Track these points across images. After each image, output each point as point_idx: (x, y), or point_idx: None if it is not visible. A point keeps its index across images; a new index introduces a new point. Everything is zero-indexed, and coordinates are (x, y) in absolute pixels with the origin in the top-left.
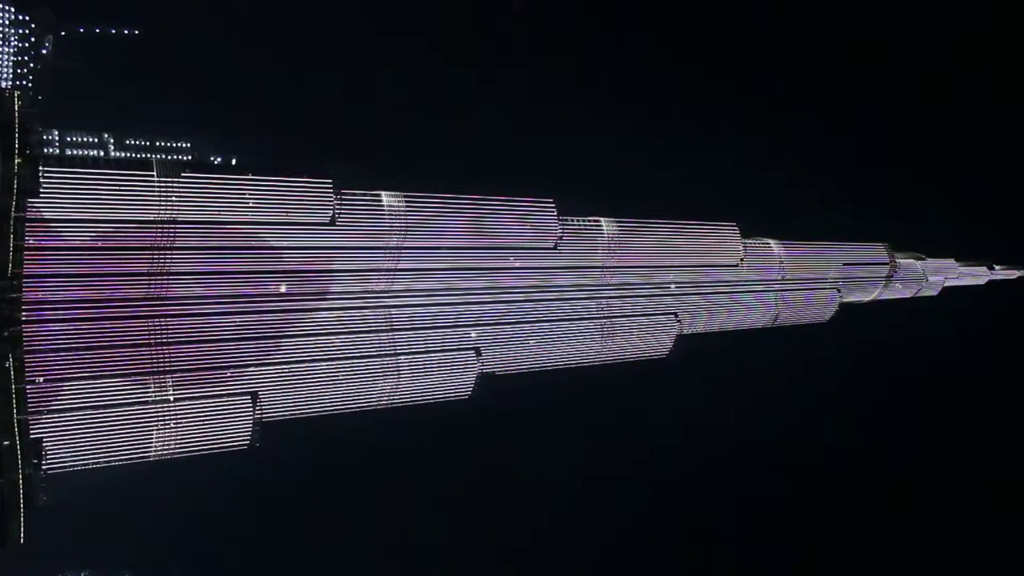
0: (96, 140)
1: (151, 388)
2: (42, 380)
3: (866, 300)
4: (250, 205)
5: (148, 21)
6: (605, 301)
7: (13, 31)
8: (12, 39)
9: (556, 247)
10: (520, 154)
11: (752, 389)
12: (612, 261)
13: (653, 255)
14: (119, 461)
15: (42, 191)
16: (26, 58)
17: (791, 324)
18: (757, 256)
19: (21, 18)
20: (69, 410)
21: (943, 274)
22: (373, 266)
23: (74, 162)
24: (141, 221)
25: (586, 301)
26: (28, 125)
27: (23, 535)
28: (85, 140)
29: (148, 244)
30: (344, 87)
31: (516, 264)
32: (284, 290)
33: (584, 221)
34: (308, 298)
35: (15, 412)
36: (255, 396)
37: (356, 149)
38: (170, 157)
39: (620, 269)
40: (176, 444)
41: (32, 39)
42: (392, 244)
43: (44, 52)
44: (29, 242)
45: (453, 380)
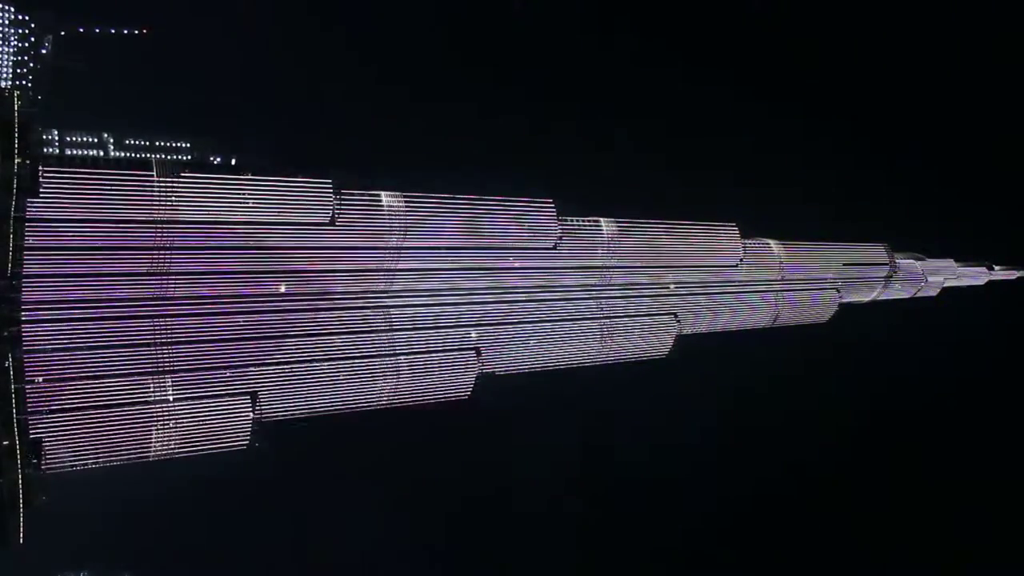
0: (96, 140)
1: (151, 388)
2: (42, 380)
3: (866, 300)
4: (250, 205)
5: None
6: (605, 301)
7: (13, 31)
8: (12, 39)
9: (556, 247)
10: (520, 154)
11: (752, 389)
12: (612, 261)
13: (653, 255)
14: (119, 461)
15: (42, 191)
16: (26, 58)
17: (791, 324)
18: (757, 256)
19: (21, 18)
20: (69, 410)
21: (943, 274)
22: (373, 266)
23: (74, 162)
24: (141, 221)
25: (585, 301)
26: (28, 125)
27: (22, 535)
28: (85, 140)
29: (148, 244)
30: (344, 87)
31: (516, 264)
32: (284, 290)
33: (584, 221)
34: (308, 298)
35: (15, 412)
36: (255, 396)
37: (356, 149)
38: (170, 157)
39: (620, 269)
40: (176, 444)
41: (32, 39)
42: (392, 244)
43: (44, 52)
44: (29, 242)
45: (453, 380)
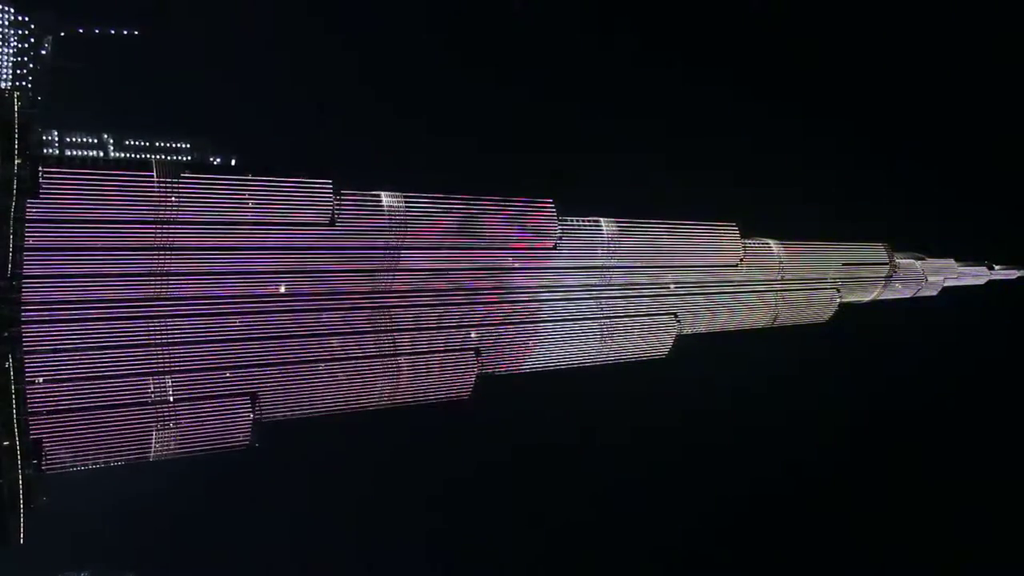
0: (96, 141)
1: (151, 388)
2: (42, 380)
3: (866, 300)
4: (250, 205)
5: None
6: (605, 301)
7: (13, 32)
8: (12, 40)
9: (556, 247)
10: (520, 154)
11: (752, 389)
12: (612, 261)
13: (653, 255)
14: (119, 461)
15: (42, 192)
16: (26, 59)
17: (791, 324)
18: (757, 256)
19: (21, 19)
20: (69, 410)
21: (943, 274)
22: (373, 266)
23: (74, 163)
24: (141, 221)
25: (586, 300)
26: (28, 125)
27: (23, 535)
28: (85, 141)
29: (148, 244)
30: (344, 87)
31: (516, 264)
32: (284, 290)
33: (584, 221)
34: (308, 298)
35: (15, 412)
36: (255, 396)
37: (356, 149)
38: (170, 157)
39: (620, 269)
40: (176, 444)
41: (32, 40)
42: (392, 244)
43: (44, 53)
44: (29, 242)
45: (453, 380)
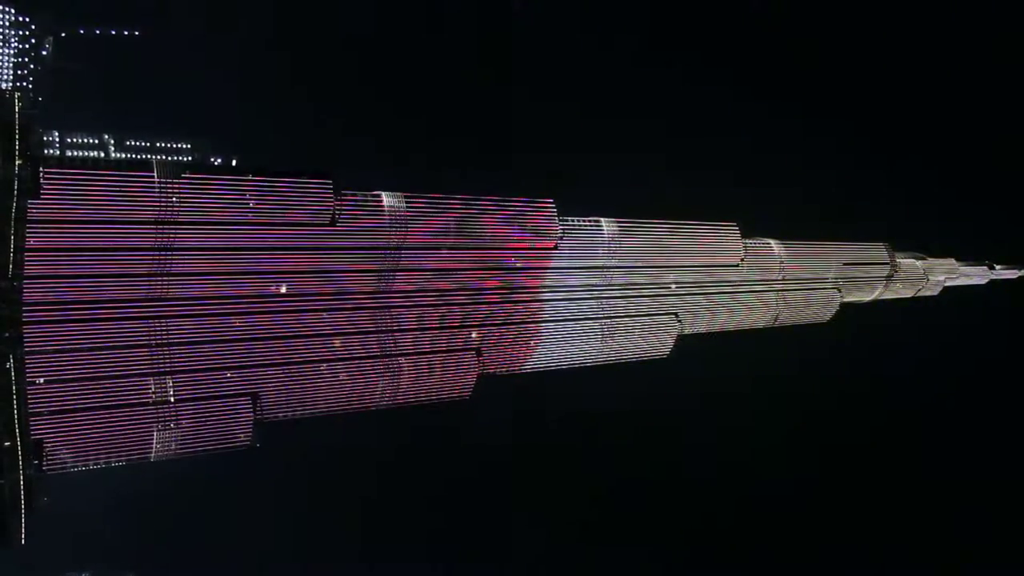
0: (96, 141)
1: (152, 388)
2: (43, 381)
3: (866, 300)
4: (250, 205)
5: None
6: (606, 301)
7: (13, 32)
8: (12, 40)
9: (557, 247)
10: (520, 154)
11: (752, 389)
12: (613, 261)
13: (653, 255)
14: (119, 461)
15: (43, 192)
16: (26, 59)
17: (791, 324)
18: (758, 256)
19: (21, 19)
20: (70, 411)
21: (943, 274)
22: (373, 266)
23: (75, 163)
24: (141, 222)
25: (587, 300)
26: (29, 126)
27: (24, 536)
28: (85, 141)
29: (148, 245)
30: (345, 88)
31: (517, 264)
32: (284, 290)
33: (584, 221)
34: (308, 298)
35: (16, 412)
36: (256, 396)
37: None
38: (170, 158)
39: (621, 269)
40: (177, 444)
41: (32, 41)
42: (392, 244)
43: (44, 53)
44: (30, 243)
45: (454, 380)
